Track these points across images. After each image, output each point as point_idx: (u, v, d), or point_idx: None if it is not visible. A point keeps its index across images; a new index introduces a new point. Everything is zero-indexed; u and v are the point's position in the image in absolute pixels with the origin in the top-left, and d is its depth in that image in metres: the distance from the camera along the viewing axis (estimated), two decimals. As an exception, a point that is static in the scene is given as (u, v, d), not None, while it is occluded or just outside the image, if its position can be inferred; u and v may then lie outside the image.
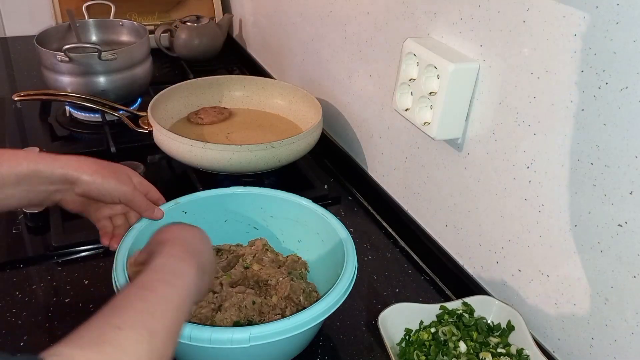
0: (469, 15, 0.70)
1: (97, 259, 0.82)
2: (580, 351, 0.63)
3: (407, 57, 0.75)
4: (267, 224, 0.80)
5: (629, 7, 0.51)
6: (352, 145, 1.06)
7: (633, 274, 0.55)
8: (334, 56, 1.06)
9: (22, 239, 0.84)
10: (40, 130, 1.15)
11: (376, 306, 0.77)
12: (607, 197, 0.57)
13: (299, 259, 0.78)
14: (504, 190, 0.70)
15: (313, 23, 1.13)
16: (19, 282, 0.77)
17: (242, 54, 1.55)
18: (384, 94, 0.92)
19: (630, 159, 0.53)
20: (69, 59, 1.08)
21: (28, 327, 0.70)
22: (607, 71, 0.54)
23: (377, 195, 0.97)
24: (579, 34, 0.56)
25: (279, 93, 1.16)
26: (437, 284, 0.83)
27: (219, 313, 0.67)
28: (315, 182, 1.01)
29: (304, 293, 0.72)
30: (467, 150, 0.75)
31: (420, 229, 0.88)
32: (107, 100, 1.12)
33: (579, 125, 0.58)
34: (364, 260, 0.86)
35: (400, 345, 0.67)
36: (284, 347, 0.65)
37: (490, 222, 0.74)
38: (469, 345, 0.65)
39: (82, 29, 1.26)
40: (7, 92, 1.26)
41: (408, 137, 0.88)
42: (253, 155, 0.91)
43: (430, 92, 0.72)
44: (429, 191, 0.85)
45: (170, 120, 1.10)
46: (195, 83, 1.15)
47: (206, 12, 1.56)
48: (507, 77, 0.66)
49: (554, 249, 0.64)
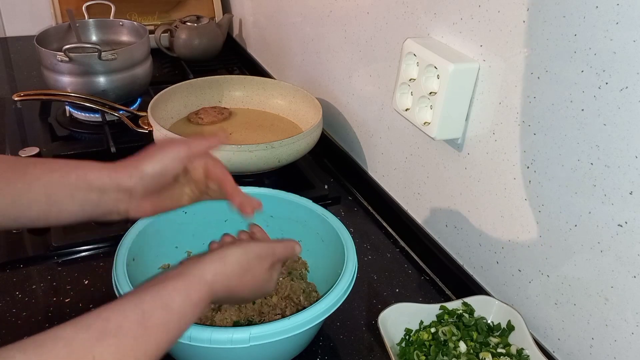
0: (469, 15, 0.70)
1: (97, 259, 0.82)
2: (580, 351, 0.63)
3: (407, 57, 0.75)
4: (267, 224, 0.80)
5: (629, 7, 0.51)
6: (352, 145, 1.06)
7: (633, 274, 0.55)
8: (334, 56, 1.06)
9: (22, 239, 0.84)
10: (40, 130, 1.15)
11: (376, 306, 0.77)
12: (607, 197, 0.57)
13: (299, 259, 0.78)
14: (504, 190, 0.70)
15: (313, 23, 1.13)
16: (19, 282, 0.77)
17: (242, 54, 1.55)
18: (384, 94, 0.92)
19: (630, 159, 0.53)
20: (69, 59, 1.08)
21: (28, 327, 0.70)
22: (607, 71, 0.54)
23: (377, 195, 0.97)
24: (579, 34, 0.56)
25: (279, 93, 1.16)
26: (437, 284, 0.83)
27: (219, 313, 0.67)
28: (315, 182, 1.01)
29: (304, 293, 0.72)
30: (467, 150, 0.75)
31: (420, 229, 0.88)
32: (107, 100, 1.12)
33: (579, 125, 0.58)
34: (364, 260, 0.86)
35: (400, 345, 0.67)
36: (284, 347, 0.65)
37: (490, 222, 0.74)
38: (469, 345, 0.65)
39: (82, 29, 1.26)
40: (7, 92, 1.26)
41: (408, 137, 0.88)
42: (253, 155, 0.91)
43: (430, 92, 0.72)
44: (429, 191, 0.85)
45: (170, 120, 1.10)
46: (195, 83, 1.15)
47: (206, 12, 1.56)
48: (507, 77, 0.66)
49: (554, 249, 0.64)
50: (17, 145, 1.05)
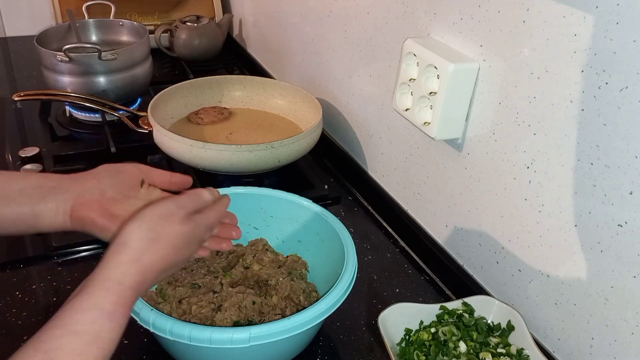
0: (469, 15, 0.70)
1: (97, 259, 0.81)
2: (580, 351, 0.63)
3: (407, 57, 0.75)
4: (267, 224, 0.80)
5: (629, 7, 0.51)
6: (352, 145, 1.06)
7: (633, 274, 0.55)
8: (334, 56, 1.06)
9: (22, 239, 0.84)
10: (40, 130, 1.15)
11: (376, 306, 0.77)
12: (607, 197, 0.57)
13: (299, 259, 0.78)
14: (504, 190, 0.70)
15: (313, 23, 1.13)
16: (19, 282, 0.77)
17: (242, 54, 1.55)
18: (384, 94, 0.92)
19: (630, 159, 0.53)
20: (69, 59, 1.08)
21: (28, 327, 0.70)
22: (607, 71, 0.54)
23: (377, 195, 0.97)
24: (579, 34, 0.56)
25: (279, 93, 1.16)
26: (437, 284, 0.83)
27: (219, 313, 0.67)
28: (315, 182, 1.00)
29: (304, 293, 0.72)
30: (467, 150, 0.75)
31: (420, 229, 0.88)
32: (107, 100, 1.12)
33: (579, 125, 0.58)
34: (364, 260, 0.86)
35: (400, 345, 0.67)
36: (284, 347, 0.65)
37: (490, 222, 0.74)
38: (469, 345, 0.65)
39: (82, 29, 1.26)
40: (7, 92, 1.26)
41: (408, 137, 0.88)
42: (253, 155, 0.91)
43: (430, 92, 0.72)
44: (429, 191, 0.85)
45: (170, 120, 1.10)
46: (195, 83, 1.15)
47: (206, 12, 1.56)
48: (507, 77, 0.66)
49: (554, 249, 0.64)
50: (17, 145, 1.05)
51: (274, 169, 0.97)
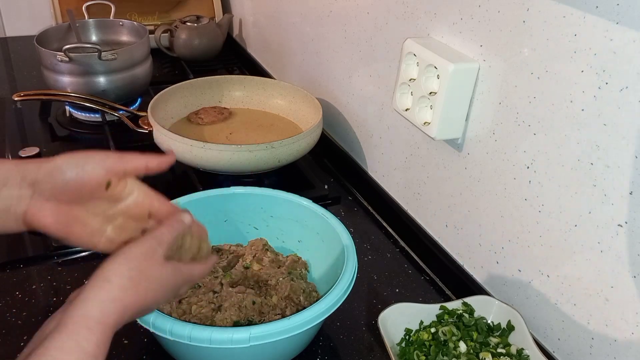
0: (469, 15, 0.70)
1: (97, 259, 0.81)
2: (580, 351, 0.63)
3: (407, 57, 0.75)
4: (267, 224, 0.80)
5: (629, 7, 0.51)
6: (352, 145, 1.06)
7: (633, 274, 0.55)
8: (334, 56, 1.06)
9: (22, 239, 0.84)
10: (40, 130, 1.15)
11: (376, 306, 0.77)
12: (607, 197, 0.57)
13: (299, 259, 0.78)
14: (504, 190, 0.70)
15: (313, 23, 1.13)
16: (19, 282, 0.77)
17: (242, 54, 1.55)
18: (384, 94, 0.92)
19: (630, 159, 0.53)
20: (69, 59, 1.08)
21: (28, 327, 0.70)
22: (607, 71, 0.54)
23: (377, 195, 0.97)
24: (579, 34, 0.56)
25: (279, 93, 1.16)
26: (437, 284, 0.83)
27: (219, 313, 0.67)
28: (315, 182, 1.00)
29: (304, 293, 0.72)
30: (467, 150, 0.75)
31: (420, 229, 0.88)
32: (107, 100, 1.12)
33: (579, 125, 0.58)
34: (364, 260, 0.86)
35: (400, 345, 0.67)
36: (284, 347, 0.65)
37: (490, 222, 0.74)
38: (469, 345, 0.65)
39: (82, 29, 1.26)
40: (7, 92, 1.26)
41: (408, 137, 0.88)
42: (253, 155, 0.91)
43: (430, 92, 0.72)
44: (429, 191, 0.85)
45: (170, 120, 1.10)
46: (195, 83, 1.15)
47: (206, 12, 1.56)
48: (507, 77, 0.66)
49: (554, 249, 0.64)
50: (17, 145, 1.04)
51: (274, 169, 0.97)
